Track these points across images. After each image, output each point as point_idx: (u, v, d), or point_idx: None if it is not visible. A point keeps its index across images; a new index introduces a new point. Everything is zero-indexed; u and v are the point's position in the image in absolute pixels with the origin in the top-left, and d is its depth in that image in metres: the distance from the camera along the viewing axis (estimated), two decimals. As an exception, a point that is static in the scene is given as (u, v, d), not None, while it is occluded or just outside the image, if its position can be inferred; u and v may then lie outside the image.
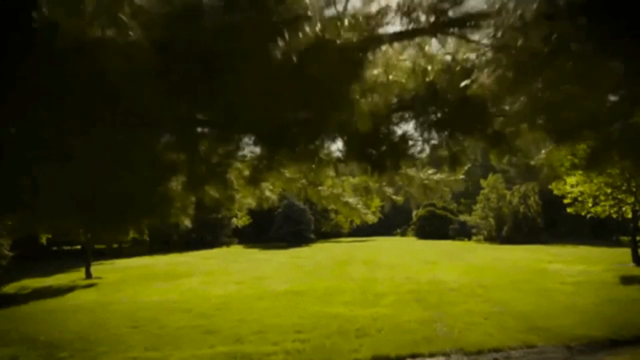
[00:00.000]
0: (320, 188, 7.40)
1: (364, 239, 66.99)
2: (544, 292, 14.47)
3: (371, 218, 9.11)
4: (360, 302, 13.90)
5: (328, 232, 71.83)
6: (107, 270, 25.55)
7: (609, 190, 20.65)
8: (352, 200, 7.74)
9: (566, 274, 18.52)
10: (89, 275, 21.91)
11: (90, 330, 11.15)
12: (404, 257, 30.03)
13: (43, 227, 12.43)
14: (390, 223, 79.83)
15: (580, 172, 19.06)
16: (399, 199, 7.50)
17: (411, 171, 6.38)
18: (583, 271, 19.52)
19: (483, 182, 53.05)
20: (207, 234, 49.18)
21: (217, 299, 15.25)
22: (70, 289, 18.83)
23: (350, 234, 76.65)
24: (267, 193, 7.29)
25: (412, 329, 10.23)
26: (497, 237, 46.39)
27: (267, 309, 13.17)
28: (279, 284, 18.17)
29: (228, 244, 50.94)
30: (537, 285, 15.83)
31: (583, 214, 23.38)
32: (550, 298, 13.41)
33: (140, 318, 12.42)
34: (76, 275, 22.56)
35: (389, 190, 7.31)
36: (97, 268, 26.48)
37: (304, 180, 7.09)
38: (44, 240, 22.68)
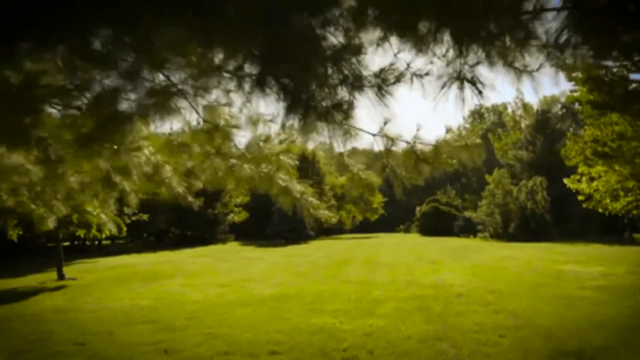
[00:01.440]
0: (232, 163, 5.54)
1: (366, 235, 65.33)
2: (565, 299, 12.59)
3: (326, 214, 6.90)
4: (353, 310, 12.07)
5: (330, 229, 70.16)
6: (86, 269, 23.81)
7: (630, 185, 18.79)
8: (293, 185, 5.84)
9: (585, 277, 16.65)
10: (61, 276, 20.12)
11: (27, 347, 9.35)
12: (407, 255, 28.20)
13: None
14: (394, 219, 78.19)
15: (600, 161, 17.44)
16: (373, 177, 5.75)
17: (392, 129, 4.52)
18: (603, 274, 17.65)
19: (488, 177, 51.28)
20: (203, 230, 47.47)
21: (192, 306, 13.46)
22: (36, 292, 17.07)
23: (352, 231, 75.03)
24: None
25: (412, 350, 8.38)
26: (504, 234, 44.64)
27: (244, 320, 11.36)
28: (265, 288, 16.37)
29: (224, 241, 49.20)
30: (555, 291, 13.96)
31: (600, 210, 21.69)
32: (574, 308, 11.53)
33: (95, 331, 10.61)
34: (49, 276, 20.75)
35: (354, 164, 5.53)
36: (75, 267, 24.85)
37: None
38: (14, 236, 20.85)
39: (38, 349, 9.28)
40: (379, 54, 3.83)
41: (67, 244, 37.59)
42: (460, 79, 3.89)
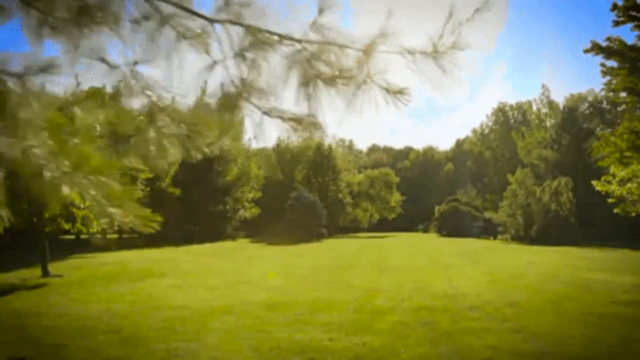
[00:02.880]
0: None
1: (382, 234, 63.55)
2: (595, 317, 10.77)
3: (147, 229, 5.04)
4: (348, 324, 10.43)
5: (347, 227, 68.60)
6: (77, 266, 22.47)
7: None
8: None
9: (615, 289, 14.77)
10: (46, 272, 18.78)
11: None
12: (420, 258, 26.42)
13: None
14: (413, 218, 76.37)
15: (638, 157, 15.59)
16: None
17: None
18: (635, 285, 15.78)
19: (510, 177, 49.13)
20: (212, 226, 46.16)
21: (169, 312, 11.95)
22: (10, 290, 15.68)
23: (370, 229, 73.33)
24: None
25: (407, 384, 6.74)
26: (525, 236, 42.56)
27: (220, 332, 9.79)
28: (257, 292, 14.80)
29: (234, 238, 47.79)
30: (583, 306, 12.14)
31: (633, 215, 19.78)
32: (606, 329, 9.73)
33: (46, 343, 9.15)
34: (35, 272, 19.42)
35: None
36: (69, 263, 23.57)
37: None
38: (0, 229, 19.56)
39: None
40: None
41: (72, 237, 36.58)
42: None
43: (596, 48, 14.10)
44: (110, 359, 8.16)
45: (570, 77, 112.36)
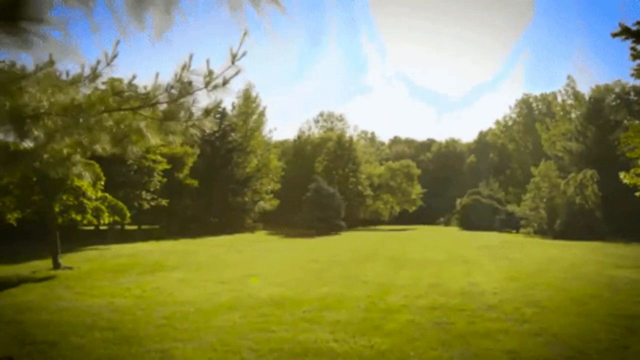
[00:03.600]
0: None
1: (403, 227, 62.87)
2: (623, 319, 10.00)
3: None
4: (357, 323, 9.87)
5: (367, 219, 68.05)
6: (90, 257, 22.27)
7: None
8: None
9: (644, 287, 14.01)
10: (56, 264, 18.54)
11: None
12: (438, 252, 25.71)
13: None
14: (434, 211, 75.50)
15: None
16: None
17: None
18: (665, 283, 14.96)
19: (534, 170, 48.05)
20: (231, 218, 45.89)
21: (173, 308, 11.52)
22: (18, 283, 15.42)
23: (390, 222, 72.66)
24: None
25: (414, 394, 6.15)
26: (549, 230, 41.59)
27: (220, 331, 9.28)
28: (266, 287, 14.31)
29: (253, 230, 47.47)
30: (609, 306, 11.39)
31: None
32: (637, 332, 9.01)
33: (38, 340, 8.72)
34: (46, 264, 19.20)
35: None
36: (82, 255, 23.43)
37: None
38: (12, 220, 19.35)
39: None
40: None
41: (91, 228, 36.50)
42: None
43: (625, 32, 13.25)
44: (102, 359, 7.71)
45: (597, 68, 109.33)
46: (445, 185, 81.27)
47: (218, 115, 49.94)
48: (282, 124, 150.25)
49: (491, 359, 7.47)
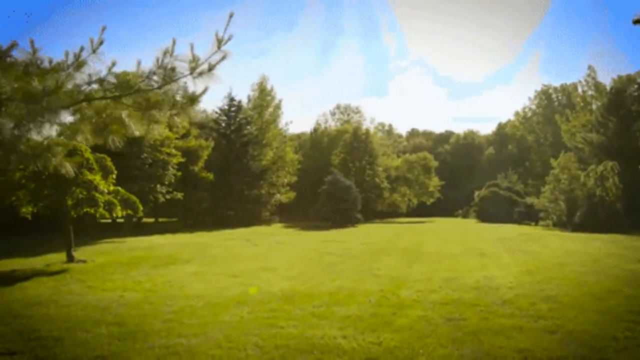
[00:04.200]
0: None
1: (420, 220, 62.38)
2: (645, 315, 9.71)
3: None
4: (367, 318, 9.66)
5: (384, 212, 67.68)
6: (105, 250, 22.38)
7: None
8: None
9: (667, 282, 13.61)
10: (70, 258, 18.62)
11: None
12: (455, 245, 25.37)
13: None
14: (452, 203, 74.86)
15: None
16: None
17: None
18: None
19: (553, 161, 47.31)
20: (246, 210, 45.87)
21: (183, 302, 11.44)
22: (31, 276, 15.51)
23: (408, 214, 72.20)
24: None
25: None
26: (568, 222, 40.90)
27: (227, 327, 9.12)
28: (278, 281, 14.20)
29: (269, 222, 47.41)
30: (630, 302, 11.02)
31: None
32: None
33: (42, 336, 8.64)
34: (60, 257, 19.29)
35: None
36: (97, 248, 23.62)
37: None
38: (28, 214, 19.44)
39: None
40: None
41: (108, 221, 36.75)
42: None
43: (647, 19, 12.79)
44: (105, 355, 7.61)
45: (617, 58, 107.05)
46: (463, 178, 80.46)
47: (233, 109, 49.92)
48: (301, 117, 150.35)
49: (503, 358, 7.21)
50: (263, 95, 54.80)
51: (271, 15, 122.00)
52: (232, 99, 49.82)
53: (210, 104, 65.61)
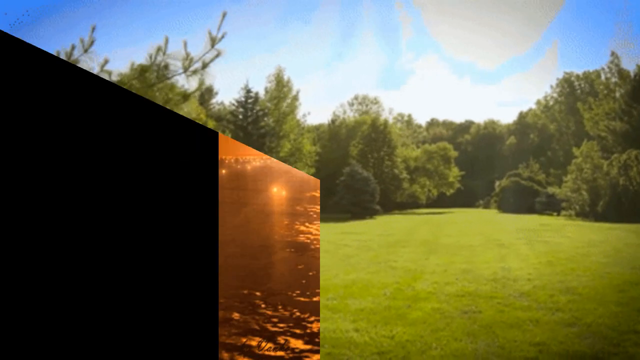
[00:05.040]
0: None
1: (440, 210, 62.00)
2: (666, 308, 9.44)
3: None
4: (380, 311, 9.52)
5: (404, 203, 67.35)
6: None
7: None
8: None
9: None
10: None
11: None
12: (474, 236, 25.07)
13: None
14: (473, 194, 74.33)
15: None
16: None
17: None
18: None
19: (575, 151, 46.56)
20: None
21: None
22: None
23: (428, 205, 71.81)
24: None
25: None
26: (591, 213, 40.26)
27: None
28: (292, 273, 14.07)
29: (287, 214, 47.40)
30: (652, 293, 10.78)
31: None
32: (679, 323, 8.43)
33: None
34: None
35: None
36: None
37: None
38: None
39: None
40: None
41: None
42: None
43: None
44: None
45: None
46: (484, 168, 79.82)
47: (250, 101, 49.91)
48: (319, 109, 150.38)
49: (517, 352, 7.01)
50: (280, 86, 54.73)
51: (289, 6, 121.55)
52: (248, 91, 49.88)
53: (228, 96, 65.61)
